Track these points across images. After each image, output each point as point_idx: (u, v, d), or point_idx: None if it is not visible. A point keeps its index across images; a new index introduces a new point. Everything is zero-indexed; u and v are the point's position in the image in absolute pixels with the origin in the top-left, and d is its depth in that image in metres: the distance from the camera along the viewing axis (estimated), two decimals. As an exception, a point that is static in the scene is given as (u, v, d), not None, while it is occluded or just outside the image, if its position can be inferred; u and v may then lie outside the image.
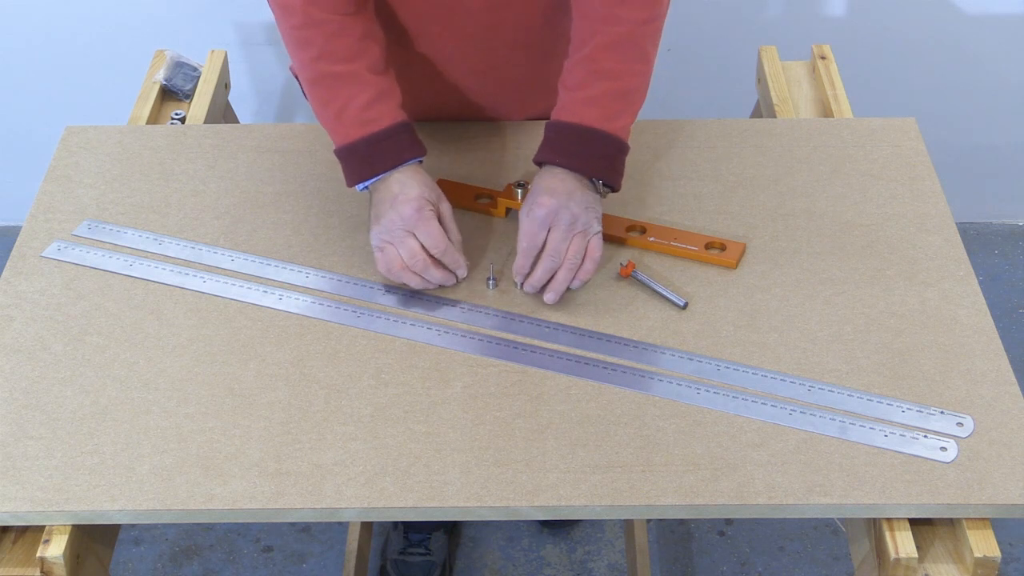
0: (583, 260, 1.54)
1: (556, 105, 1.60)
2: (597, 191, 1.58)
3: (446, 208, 1.57)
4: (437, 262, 1.55)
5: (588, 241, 1.54)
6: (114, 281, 1.60)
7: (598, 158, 1.57)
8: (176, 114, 1.94)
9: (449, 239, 1.55)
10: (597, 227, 1.55)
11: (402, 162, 1.56)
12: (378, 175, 1.57)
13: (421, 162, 1.59)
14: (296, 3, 1.56)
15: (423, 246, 1.53)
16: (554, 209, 1.53)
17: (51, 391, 1.45)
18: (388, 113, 1.58)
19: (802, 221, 1.66)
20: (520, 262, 1.55)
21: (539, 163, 1.59)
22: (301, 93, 1.92)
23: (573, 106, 1.58)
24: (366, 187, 1.59)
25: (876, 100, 2.70)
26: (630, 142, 1.60)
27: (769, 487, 1.33)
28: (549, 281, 1.54)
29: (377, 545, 2.29)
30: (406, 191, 1.55)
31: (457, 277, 1.57)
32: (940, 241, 1.63)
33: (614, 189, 1.61)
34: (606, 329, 1.52)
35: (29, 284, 1.59)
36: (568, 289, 1.55)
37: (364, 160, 1.57)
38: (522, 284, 1.56)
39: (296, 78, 1.90)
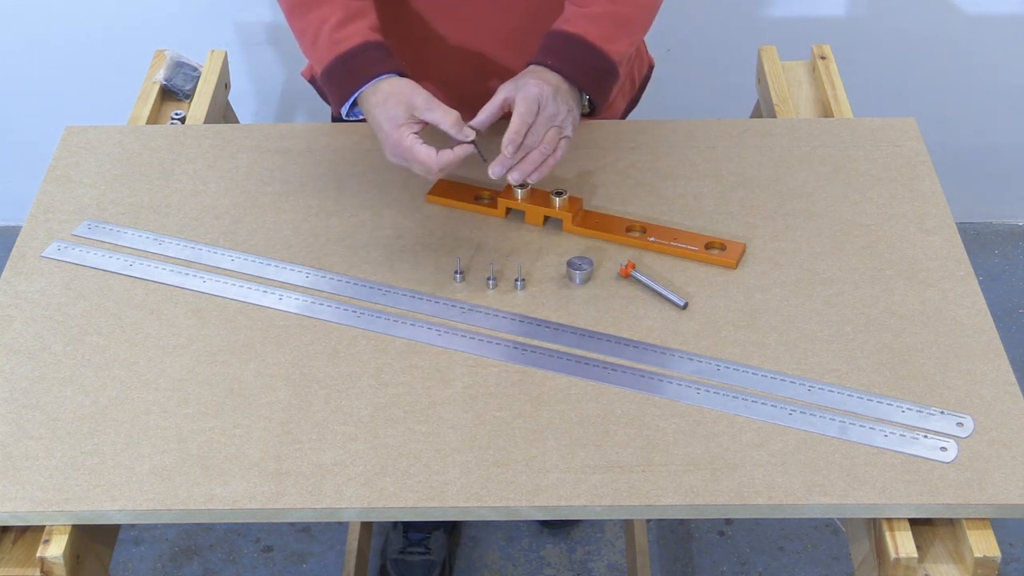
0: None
1: (560, 17, 1.64)
2: (580, 102, 1.61)
3: (422, 101, 1.54)
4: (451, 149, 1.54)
5: (559, 139, 1.57)
6: (114, 281, 1.60)
7: (589, 72, 1.61)
8: (176, 114, 1.94)
9: (447, 120, 1.53)
10: (570, 131, 1.58)
11: (371, 78, 1.55)
12: (352, 95, 1.56)
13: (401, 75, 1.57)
14: None
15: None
16: (546, 94, 1.55)
17: (51, 391, 1.45)
18: (358, 32, 1.58)
19: (802, 221, 1.66)
20: (517, 127, 1.53)
21: (532, 64, 1.61)
22: (301, 94, 1.93)
23: (575, 19, 1.62)
24: (356, 115, 1.59)
25: (876, 100, 2.70)
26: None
27: (769, 487, 1.33)
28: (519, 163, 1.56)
29: (377, 545, 2.29)
30: (378, 122, 1.54)
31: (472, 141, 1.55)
32: (940, 241, 1.63)
33: (595, 111, 1.64)
34: (606, 329, 1.52)
35: (29, 284, 1.59)
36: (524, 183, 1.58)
37: (339, 81, 1.57)
38: (502, 163, 1.55)
39: (311, 83, 1.89)
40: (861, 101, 2.08)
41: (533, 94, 1.54)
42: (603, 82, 1.63)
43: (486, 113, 1.56)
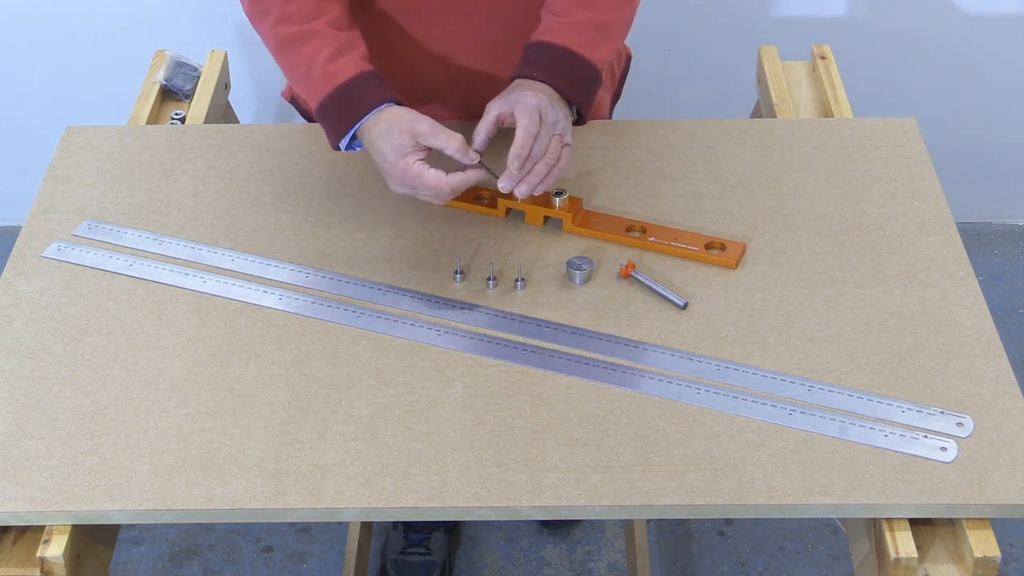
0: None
1: (538, 28, 1.63)
2: (570, 111, 1.61)
3: (426, 128, 1.52)
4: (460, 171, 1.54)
5: (562, 148, 1.56)
6: (114, 281, 1.60)
7: (576, 82, 1.61)
8: (176, 114, 1.94)
9: (452, 146, 1.51)
10: (569, 138, 1.58)
11: (371, 108, 1.55)
12: (352, 127, 1.56)
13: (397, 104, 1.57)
14: None
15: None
16: (544, 103, 1.55)
17: (51, 391, 1.45)
18: (351, 64, 1.57)
19: (802, 221, 1.66)
20: (522, 141, 1.52)
21: (517, 78, 1.60)
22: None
23: (556, 29, 1.61)
24: (354, 148, 1.59)
25: (876, 100, 2.70)
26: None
27: (769, 487, 1.33)
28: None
29: (377, 545, 2.29)
30: (383, 153, 1.53)
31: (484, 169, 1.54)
32: (940, 241, 1.63)
33: (581, 119, 1.64)
34: (606, 329, 1.52)
35: (29, 284, 1.59)
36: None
37: (337, 116, 1.57)
38: (515, 175, 1.53)
39: (292, 103, 1.90)
40: (861, 101, 2.08)
41: (532, 105, 1.54)
42: (588, 91, 1.63)
43: (482, 133, 1.56)
